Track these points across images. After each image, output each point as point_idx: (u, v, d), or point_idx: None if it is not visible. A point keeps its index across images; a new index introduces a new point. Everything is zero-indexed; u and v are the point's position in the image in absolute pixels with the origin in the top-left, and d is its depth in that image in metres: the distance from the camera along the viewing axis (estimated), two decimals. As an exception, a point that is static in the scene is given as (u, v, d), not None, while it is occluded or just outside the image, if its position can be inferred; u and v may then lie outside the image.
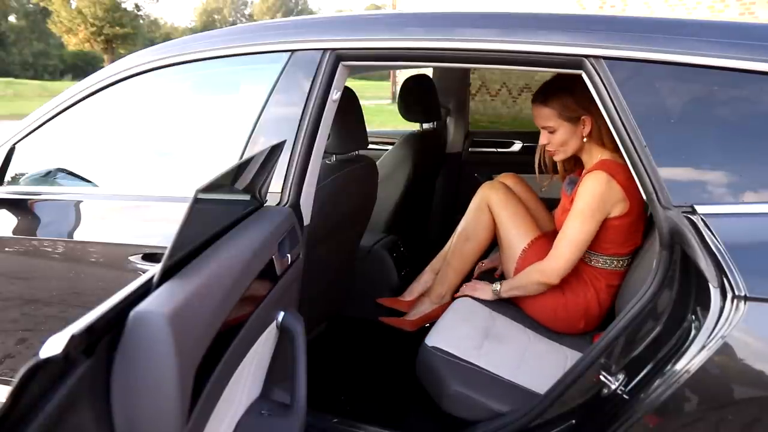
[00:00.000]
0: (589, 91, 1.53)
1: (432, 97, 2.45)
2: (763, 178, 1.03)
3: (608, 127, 1.54)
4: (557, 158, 1.63)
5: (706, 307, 0.90)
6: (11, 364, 1.58)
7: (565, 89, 1.54)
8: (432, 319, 1.84)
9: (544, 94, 1.57)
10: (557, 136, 1.56)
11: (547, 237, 1.69)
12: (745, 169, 1.05)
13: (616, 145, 1.54)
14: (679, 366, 0.91)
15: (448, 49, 1.22)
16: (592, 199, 1.46)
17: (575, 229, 1.47)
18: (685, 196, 1.04)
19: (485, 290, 1.69)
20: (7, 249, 1.51)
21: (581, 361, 1.18)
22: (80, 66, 33.24)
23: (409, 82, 2.33)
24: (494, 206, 1.77)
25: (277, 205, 1.27)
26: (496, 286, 1.66)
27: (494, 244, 1.86)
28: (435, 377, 1.42)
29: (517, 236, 1.71)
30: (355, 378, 1.81)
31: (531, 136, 1.76)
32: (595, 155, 1.57)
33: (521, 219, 1.73)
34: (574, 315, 1.58)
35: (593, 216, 1.46)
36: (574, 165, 1.72)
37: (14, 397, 0.50)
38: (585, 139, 1.55)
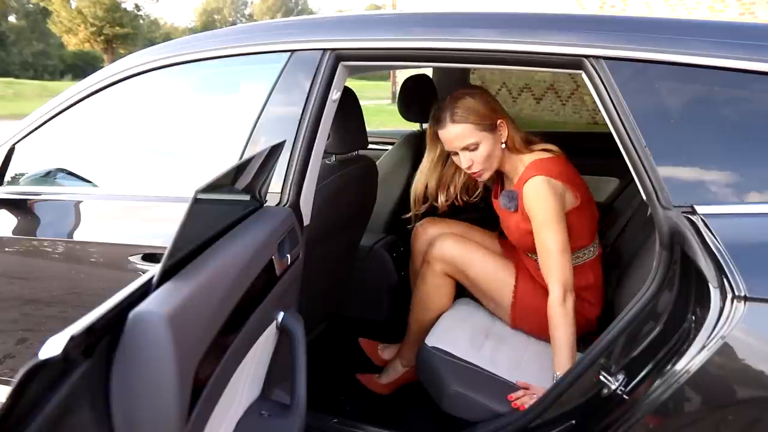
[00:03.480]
0: (490, 94, 1.51)
1: (432, 97, 2.45)
2: (763, 178, 1.03)
3: (515, 127, 1.50)
4: (484, 178, 1.51)
5: (706, 308, 0.90)
6: (11, 364, 1.57)
7: (468, 98, 1.46)
8: (406, 381, 1.77)
9: (450, 112, 1.45)
10: (481, 151, 1.44)
11: (522, 264, 1.61)
12: (745, 169, 1.04)
13: (528, 142, 1.51)
14: (679, 366, 0.91)
15: (448, 49, 1.22)
16: (547, 204, 1.38)
17: (553, 239, 1.37)
18: (685, 196, 1.03)
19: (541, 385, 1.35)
20: (7, 249, 1.51)
21: (581, 361, 1.18)
22: (80, 66, 33.25)
23: (409, 82, 2.33)
24: (457, 272, 1.60)
25: (277, 205, 1.27)
26: (556, 373, 1.32)
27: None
28: (435, 377, 1.42)
29: (501, 281, 1.57)
30: (355, 378, 1.81)
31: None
32: (516, 162, 1.49)
33: (491, 261, 1.59)
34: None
35: (560, 217, 1.38)
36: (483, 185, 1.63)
37: (14, 397, 0.50)
38: (503, 146, 1.47)
